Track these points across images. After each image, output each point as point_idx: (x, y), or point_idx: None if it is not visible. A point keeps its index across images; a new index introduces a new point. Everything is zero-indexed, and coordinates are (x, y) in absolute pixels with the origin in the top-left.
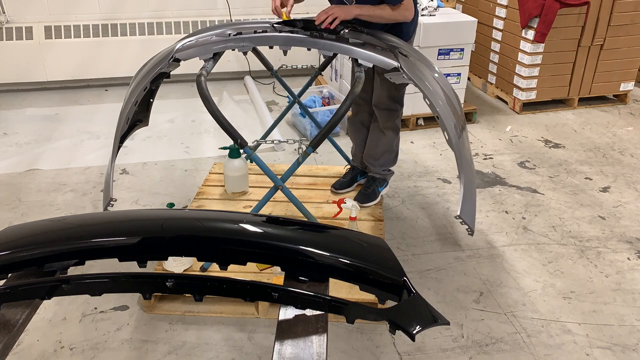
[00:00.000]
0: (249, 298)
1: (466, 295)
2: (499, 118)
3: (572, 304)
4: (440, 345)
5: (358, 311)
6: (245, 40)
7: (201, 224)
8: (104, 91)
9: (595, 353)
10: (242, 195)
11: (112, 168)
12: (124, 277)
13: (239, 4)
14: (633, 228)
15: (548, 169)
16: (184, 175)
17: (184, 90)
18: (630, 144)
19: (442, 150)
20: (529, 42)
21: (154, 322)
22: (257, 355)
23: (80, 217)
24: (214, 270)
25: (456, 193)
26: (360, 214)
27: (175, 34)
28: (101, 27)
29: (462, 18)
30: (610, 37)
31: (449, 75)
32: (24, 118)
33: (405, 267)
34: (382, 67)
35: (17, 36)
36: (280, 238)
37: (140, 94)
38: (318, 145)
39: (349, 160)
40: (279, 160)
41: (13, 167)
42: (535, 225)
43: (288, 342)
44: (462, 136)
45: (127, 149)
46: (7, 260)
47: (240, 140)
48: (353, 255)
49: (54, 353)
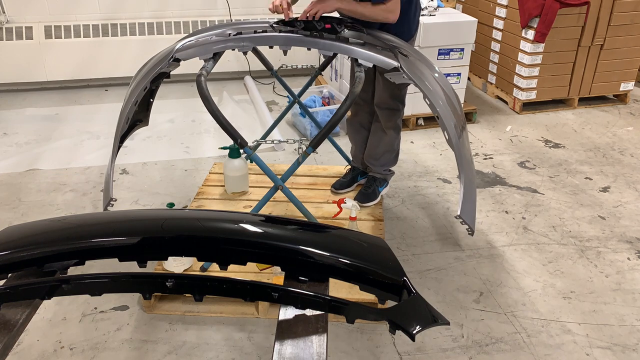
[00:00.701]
0: (249, 298)
1: (466, 295)
2: (499, 118)
3: (572, 303)
4: (440, 345)
5: (358, 311)
6: (245, 40)
7: (201, 224)
8: (104, 91)
9: (595, 353)
10: (242, 195)
11: (112, 168)
12: (124, 277)
13: (239, 4)
14: (633, 228)
15: (548, 168)
16: (184, 175)
17: (184, 90)
18: (630, 143)
19: (442, 150)
20: (529, 42)
21: (154, 322)
22: (257, 355)
23: (80, 217)
24: (214, 270)
25: (456, 193)
26: (360, 214)
27: (175, 34)
28: (101, 27)
29: (462, 18)
30: (610, 37)
31: (449, 75)
32: (24, 118)
33: (405, 267)
34: (382, 67)
35: (17, 36)
36: (280, 238)
37: (140, 93)
38: (318, 145)
39: (349, 161)
40: (279, 160)
41: (13, 167)
42: (535, 225)
43: (288, 342)
44: (462, 136)
45: (127, 148)
46: (7, 260)
47: (240, 140)
48: (353, 255)
49: (54, 353)
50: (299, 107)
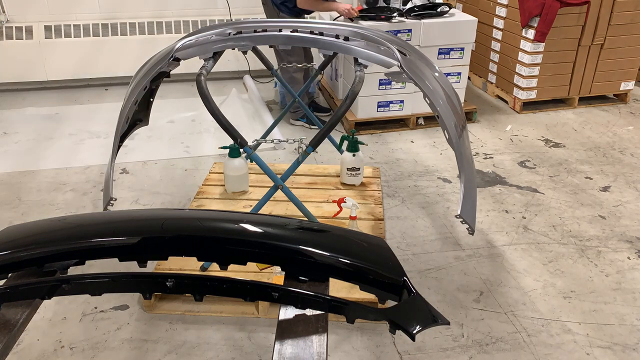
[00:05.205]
0: (249, 298)
1: (466, 295)
2: (499, 117)
3: (572, 303)
4: (441, 344)
5: (358, 311)
6: (245, 40)
7: (201, 223)
8: (104, 90)
9: (595, 352)
10: (242, 195)
11: (112, 167)
12: (124, 277)
13: (239, 3)
14: (633, 227)
15: (548, 168)
16: (184, 174)
17: (184, 90)
18: (631, 143)
19: (443, 150)
20: (530, 41)
21: (154, 321)
22: (257, 355)
23: (80, 216)
24: (214, 270)
25: (456, 192)
26: (361, 214)
27: (175, 34)
28: (101, 27)
29: (463, 17)
30: (611, 36)
31: (449, 75)
32: (24, 117)
33: (405, 266)
34: (382, 66)
35: (17, 35)
36: (280, 238)
37: (140, 93)
38: (318, 144)
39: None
40: (279, 159)
41: (13, 166)
42: (536, 224)
43: (288, 341)
44: (463, 135)
45: (127, 148)
46: (7, 260)
47: (240, 140)
48: (353, 255)
49: (54, 352)
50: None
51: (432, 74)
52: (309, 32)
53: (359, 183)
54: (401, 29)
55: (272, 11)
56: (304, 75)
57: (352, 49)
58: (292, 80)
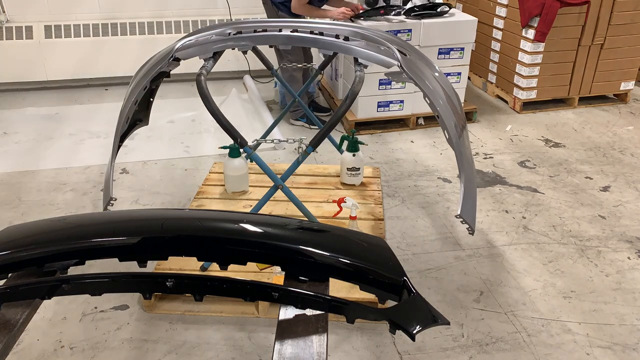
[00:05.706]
0: (249, 298)
1: (466, 295)
2: (499, 117)
3: (572, 303)
4: (441, 344)
5: (358, 311)
6: (245, 39)
7: (201, 223)
8: (104, 90)
9: (595, 352)
10: (242, 195)
11: (112, 167)
12: (124, 277)
13: (239, 3)
14: (633, 227)
15: (548, 168)
16: (184, 174)
17: (184, 90)
18: (631, 143)
19: (443, 150)
20: (530, 41)
21: (154, 321)
22: (257, 355)
23: (80, 216)
24: (214, 269)
25: (456, 192)
26: (361, 214)
27: (175, 34)
28: (101, 27)
29: (462, 17)
30: (611, 36)
31: (449, 75)
32: (24, 117)
33: (405, 266)
34: (382, 66)
35: (17, 35)
36: (280, 238)
37: (140, 93)
38: (318, 144)
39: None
40: (279, 159)
41: (13, 166)
42: (536, 224)
43: (288, 341)
44: (463, 135)
45: (127, 148)
46: (7, 260)
47: (240, 140)
48: (353, 255)
49: (54, 352)
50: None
51: (432, 73)
52: (309, 32)
53: (359, 183)
54: (401, 29)
55: (271, 10)
56: (304, 74)
57: (352, 49)
58: (291, 78)
